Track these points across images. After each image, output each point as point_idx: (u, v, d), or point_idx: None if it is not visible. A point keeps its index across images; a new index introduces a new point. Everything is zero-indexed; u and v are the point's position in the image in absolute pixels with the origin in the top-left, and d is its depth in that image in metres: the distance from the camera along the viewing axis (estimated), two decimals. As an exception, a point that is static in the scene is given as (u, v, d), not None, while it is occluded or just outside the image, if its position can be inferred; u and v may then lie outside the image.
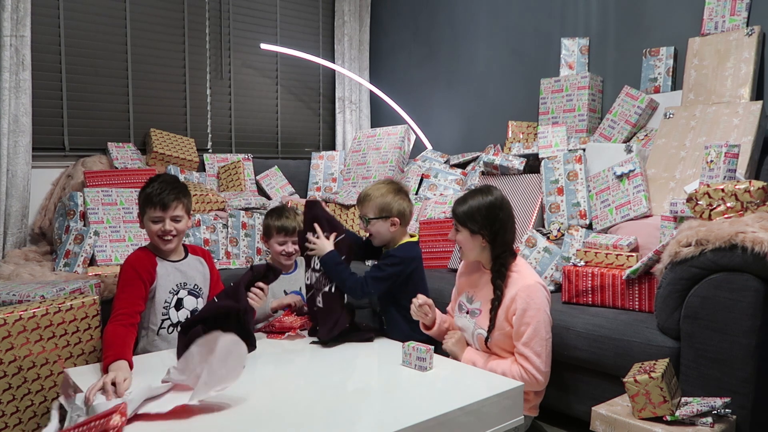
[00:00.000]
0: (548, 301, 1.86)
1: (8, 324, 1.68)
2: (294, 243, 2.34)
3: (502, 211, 1.88)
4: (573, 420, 2.07)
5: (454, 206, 1.94)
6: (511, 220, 1.92)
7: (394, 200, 2.09)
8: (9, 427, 1.70)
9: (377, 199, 2.09)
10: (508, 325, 1.84)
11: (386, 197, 2.09)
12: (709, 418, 1.56)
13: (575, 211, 2.69)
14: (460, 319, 2.01)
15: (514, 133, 3.33)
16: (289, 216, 2.33)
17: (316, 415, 1.38)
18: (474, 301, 1.96)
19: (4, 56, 2.83)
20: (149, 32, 3.47)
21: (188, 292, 1.99)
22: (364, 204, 2.12)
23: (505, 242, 1.89)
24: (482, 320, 1.91)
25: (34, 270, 2.52)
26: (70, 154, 3.20)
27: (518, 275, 1.87)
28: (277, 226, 2.31)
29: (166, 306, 1.93)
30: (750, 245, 1.62)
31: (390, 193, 2.10)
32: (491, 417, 1.50)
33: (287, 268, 2.39)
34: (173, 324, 1.94)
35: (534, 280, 1.84)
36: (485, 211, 1.87)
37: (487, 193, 1.90)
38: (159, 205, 1.88)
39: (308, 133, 4.27)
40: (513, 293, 1.83)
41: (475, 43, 3.75)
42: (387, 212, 2.08)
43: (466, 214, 1.89)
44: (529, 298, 1.80)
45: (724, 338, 1.68)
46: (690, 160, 2.45)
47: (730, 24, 2.62)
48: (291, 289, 2.37)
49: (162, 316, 1.92)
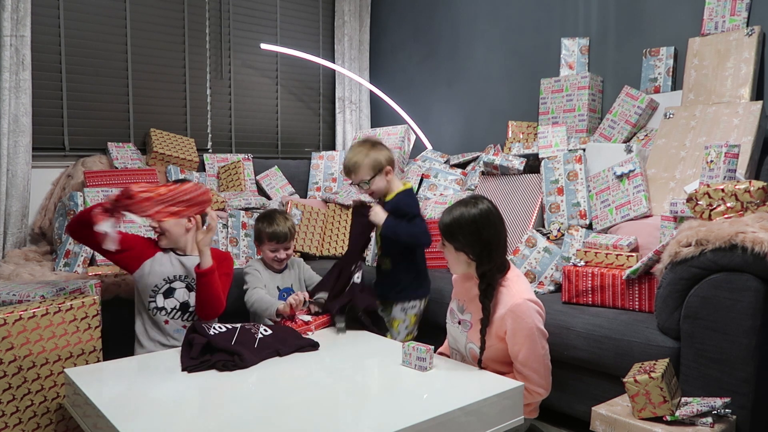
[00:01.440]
0: (541, 315, 1.78)
1: (8, 324, 1.68)
2: (285, 249, 2.34)
3: (486, 229, 1.76)
4: (573, 420, 2.07)
5: (441, 216, 1.85)
6: (499, 235, 1.80)
7: (379, 154, 2.19)
8: (9, 427, 1.70)
9: (365, 161, 2.17)
10: (499, 341, 1.79)
11: (371, 155, 2.17)
12: (709, 418, 1.56)
13: (575, 211, 2.69)
14: (452, 327, 1.97)
15: (514, 133, 3.33)
16: (280, 222, 2.32)
17: (316, 415, 1.38)
18: (465, 311, 1.91)
19: (4, 56, 2.82)
20: (149, 32, 3.47)
21: (186, 285, 2.11)
22: (356, 172, 2.19)
23: (492, 259, 1.78)
24: (473, 335, 1.85)
25: (34, 270, 2.52)
26: (70, 154, 3.20)
27: (507, 292, 1.78)
28: (268, 233, 2.31)
29: (154, 290, 2.07)
30: (750, 245, 1.62)
31: (372, 150, 2.18)
32: (491, 417, 1.50)
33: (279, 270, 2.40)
34: (158, 308, 2.07)
35: (522, 298, 1.75)
36: (467, 228, 1.76)
37: (472, 206, 1.78)
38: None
39: (308, 133, 4.27)
40: (502, 313, 1.75)
41: (475, 43, 3.76)
42: (379, 166, 2.18)
43: (448, 229, 1.80)
44: (518, 318, 1.73)
45: (724, 338, 1.68)
46: (690, 160, 2.45)
47: (730, 24, 2.62)
48: (284, 285, 2.38)
49: (149, 299, 2.07)
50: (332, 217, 3.28)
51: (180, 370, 1.65)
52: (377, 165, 2.17)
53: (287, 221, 2.34)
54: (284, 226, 2.32)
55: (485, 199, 1.84)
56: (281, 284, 2.38)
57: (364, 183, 2.19)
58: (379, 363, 1.77)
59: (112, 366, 1.73)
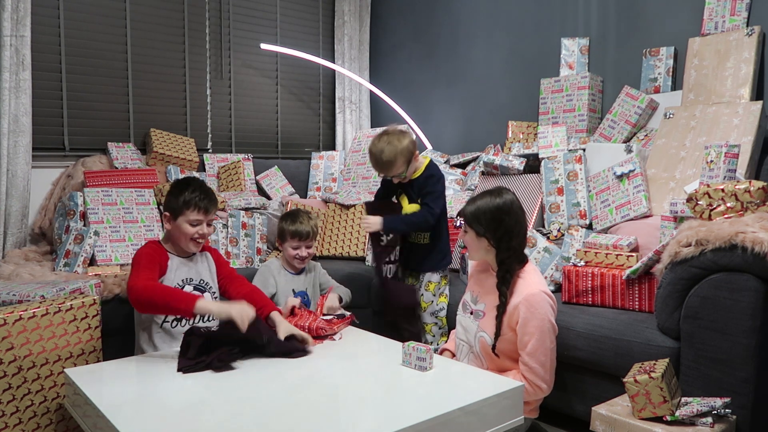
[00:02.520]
0: (553, 309, 1.82)
1: (8, 324, 1.68)
2: (308, 247, 2.36)
3: (509, 216, 1.85)
4: (573, 420, 2.07)
5: (465, 206, 1.95)
6: (520, 225, 1.88)
7: (406, 144, 2.26)
8: (9, 427, 1.70)
9: (398, 156, 2.23)
10: (510, 331, 1.83)
11: (399, 147, 2.23)
12: (709, 418, 1.56)
13: (575, 211, 2.69)
14: (463, 318, 2.01)
15: (514, 133, 3.33)
16: (303, 221, 2.33)
17: (316, 415, 1.38)
18: (478, 302, 1.95)
19: (4, 56, 2.82)
20: (149, 32, 3.47)
21: (194, 287, 2.04)
22: (391, 168, 2.26)
23: (510, 247, 1.86)
24: (485, 324, 1.89)
25: (34, 270, 2.51)
26: (70, 154, 3.20)
27: (523, 282, 1.84)
28: (291, 230, 2.32)
29: None
30: (750, 245, 1.62)
31: (398, 142, 2.24)
32: (491, 417, 1.50)
33: (298, 270, 2.40)
34: (177, 318, 1.98)
35: (538, 289, 1.80)
36: (491, 215, 1.85)
37: (496, 196, 1.88)
38: (202, 210, 1.98)
39: (308, 133, 4.27)
40: (516, 302, 1.81)
41: (475, 43, 3.76)
42: (410, 155, 2.27)
43: (473, 215, 1.89)
44: (532, 308, 1.77)
45: (724, 338, 1.68)
46: (690, 160, 2.45)
47: (730, 24, 2.62)
48: (299, 288, 2.38)
49: None
50: (332, 217, 3.28)
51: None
52: (408, 155, 2.26)
53: (311, 220, 2.36)
54: (308, 224, 2.33)
55: (509, 190, 1.92)
56: (297, 287, 2.38)
57: (401, 174, 2.29)
58: (379, 363, 1.77)
59: (112, 366, 1.73)
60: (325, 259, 3.13)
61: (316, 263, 2.54)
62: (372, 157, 2.29)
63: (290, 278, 2.38)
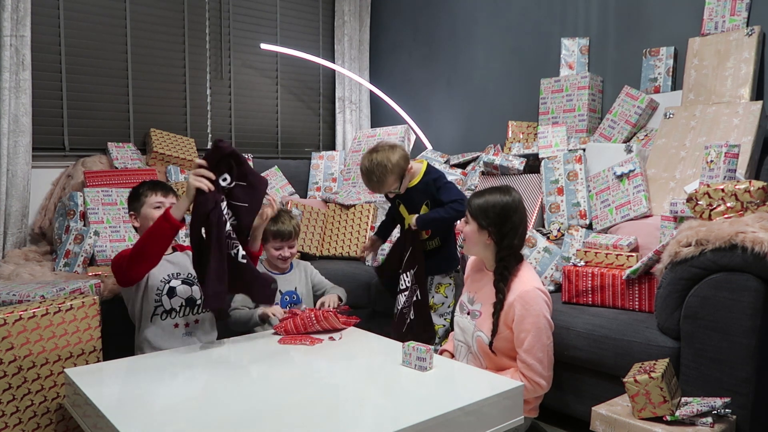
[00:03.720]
0: (548, 305, 1.84)
1: (8, 324, 1.68)
2: (290, 247, 2.35)
3: (515, 214, 1.89)
4: (573, 420, 2.07)
5: (470, 198, 1.96)
6: (523, 225, 1.92)
7: (396, 161, 2.22)
8: (9, 427, 1.70)
9: (388, 175, 2.21)
10: (507, 329, 1.84)
11: (389, 166, 2.20)
12: (709, 418, 1.56)
13: (575, 211, 2.69)
14: (461, 319, 2.01)
15: (514, 133, 3.33)
16: (285, 221, 2.33)
17: (316, 415, 1.38)
18: (475, 302, 1.96)
19: (4, 56, 2.82)
20: (149, 32, 3.47)
21: (182, 281, 2.07)
22: (383, 186, 2.25)
23: (511, 245, 1.89)
24: (482, 323, 1.90)
25: (34, 270, 2.52)
26: (70, 154, 3.20)
27: (518, 280, 1.86)
28: (272, 231, 2.31)
29: (158, 293, 2.02)
30: (750, 245, 1.62)
31: (388, 161, 2.21)
32: (491, 417, 1.50)
33: (283, 270, 2.39)
34: (166, 311, 2.02)
35: (532, 286, 1.83)
36: (500, 210, 1.88)
37: (505, 193, 1.91)
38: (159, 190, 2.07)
39: (308, 133, 4.27)
40: (511, 300, 1.83)
41: (475, 43, 3.76)
42: (401, 171, 2.24)
43: (480, 207, 1.90)
44: (527, 304, 1.79)
45: (724, 338, 1.68)
46: (690, 160, 2.45)
47: (730, 24, 2.62)
48: (286, 289, 2.37)
49: (155, 303, 2.01)
50: (332, 217, 3.28)
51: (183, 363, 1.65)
52: (400, 171, 2.24)
53: (292, 220, 2.35)
54: (289, 224, 2.33)
55: (515, 190, 1.95)
56: (283, 287, 2.37)
57: (396, 191, 2.28)
58: (379, 363, 1.77)
59: (112, 366, 1.73)
60: (325, 259, 3.13)
61: (306, 262, 2.52)
62: (362, 176, 2.28)
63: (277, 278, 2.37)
